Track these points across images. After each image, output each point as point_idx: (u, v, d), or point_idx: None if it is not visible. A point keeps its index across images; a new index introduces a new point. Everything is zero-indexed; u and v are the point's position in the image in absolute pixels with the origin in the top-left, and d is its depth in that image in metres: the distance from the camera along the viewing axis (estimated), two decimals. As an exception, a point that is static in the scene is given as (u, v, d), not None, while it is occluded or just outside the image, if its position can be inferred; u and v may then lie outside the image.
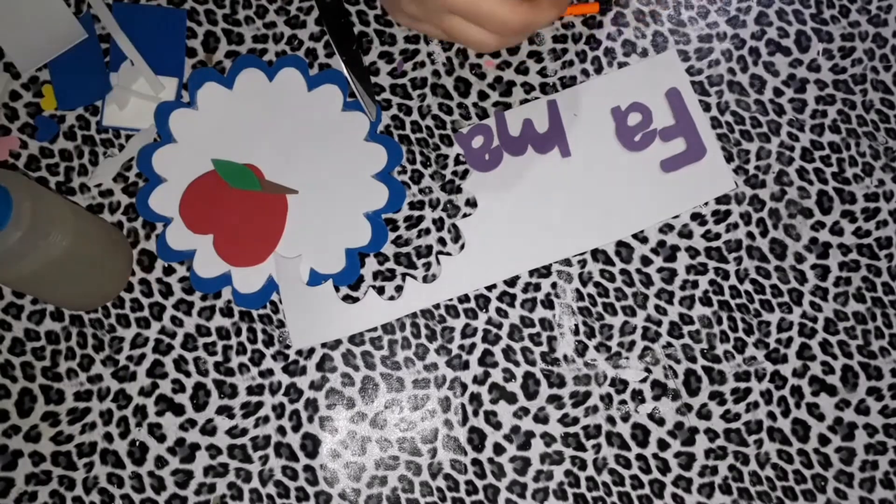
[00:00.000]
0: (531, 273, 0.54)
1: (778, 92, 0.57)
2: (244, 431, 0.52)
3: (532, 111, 0.57)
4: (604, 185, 0.55)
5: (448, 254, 0.55)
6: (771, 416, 0.53)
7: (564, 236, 0.55)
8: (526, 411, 0.53)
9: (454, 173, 0.56)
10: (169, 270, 0.55)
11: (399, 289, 0.54)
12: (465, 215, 0.55)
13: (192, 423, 0.52)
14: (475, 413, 0.53)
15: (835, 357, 0.54)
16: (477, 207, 0.55)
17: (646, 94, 0.57)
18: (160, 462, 0.52)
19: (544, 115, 0.56)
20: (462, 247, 0.55)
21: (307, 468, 0.52)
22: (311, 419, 0.53)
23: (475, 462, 0.52)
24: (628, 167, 0.56)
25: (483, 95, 0.57)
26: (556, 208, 0.55)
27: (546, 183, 0.56)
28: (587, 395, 0.53)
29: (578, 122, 0.56)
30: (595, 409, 0.53)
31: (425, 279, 0.54)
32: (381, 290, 0.54)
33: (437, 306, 0.54)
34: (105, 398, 0.53)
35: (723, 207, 0.56)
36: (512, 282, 0.54)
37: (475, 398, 0.53)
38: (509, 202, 0.55)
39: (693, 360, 0.53)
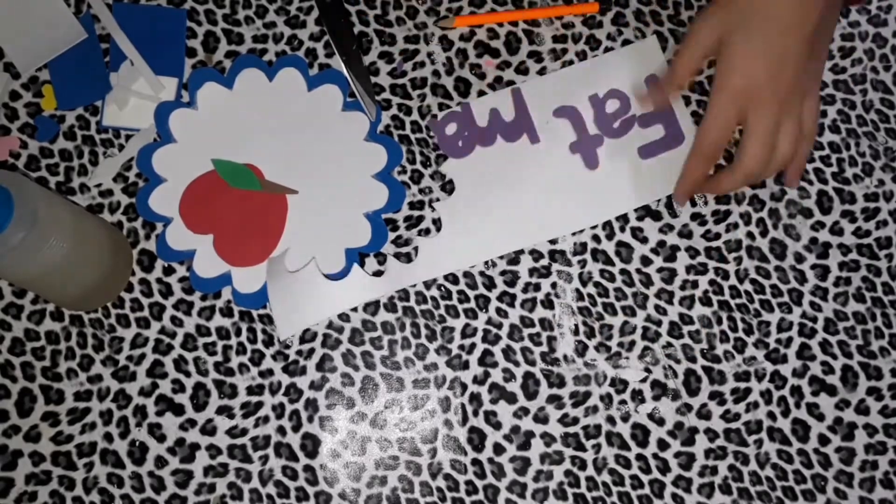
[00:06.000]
0: (531, 273, 0.54)
1: (778, 92, 0.57)
2: (244, 431, 0.52)
3: (497, 100, 0.57)
4: (580, 171, 0.56)
5: (428, 232, 0.55)
6: (771, 416, 0.53)
7: (544, 221, 0.55)
8: (526, 411, 0.53)
9: (454, 173, 0.56)
10: (169, 270, 0.55)
11: (380, 270, 0.54)
12: (439, 199, 0.55)
13: (192, 423, 0.52)
14: (475, 413, 0.53)
15: (835, 357, 0.54)
16: (454, 191, 0.55)
17: (624, 81, 0.57)
18: (160, 462, 0.52)
19: (509, 104, 0.57)
20: (439, 228, 0.55)
21: (307, 468, 0.52)
22: (311, 419, 0.53)
23: (475, 462, 0.52)
24: (607, 153, 0.56)
25: (483, 95, 0.57)
26: (530, 193, 0.55)
27: (519, 169, 0.56)
28: (587, 395, 0.53)
29: (552, 109, 0.56)
30: (595, 409, 0.53)
31: (407, 257, 0.54)
32: (362, 264, 0.54)
33: (436, 306, 0.54)
34: (105, 398, 0.53)
35: (723, 207, 0.56)
36: (512, 281, 0.54)
37: (475, 398, 0.53)
38: (484, 186, 0.56)
39: (693, 360, 0.53)
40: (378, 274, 0.54)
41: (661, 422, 0.53)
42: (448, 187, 0.56)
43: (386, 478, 0.52)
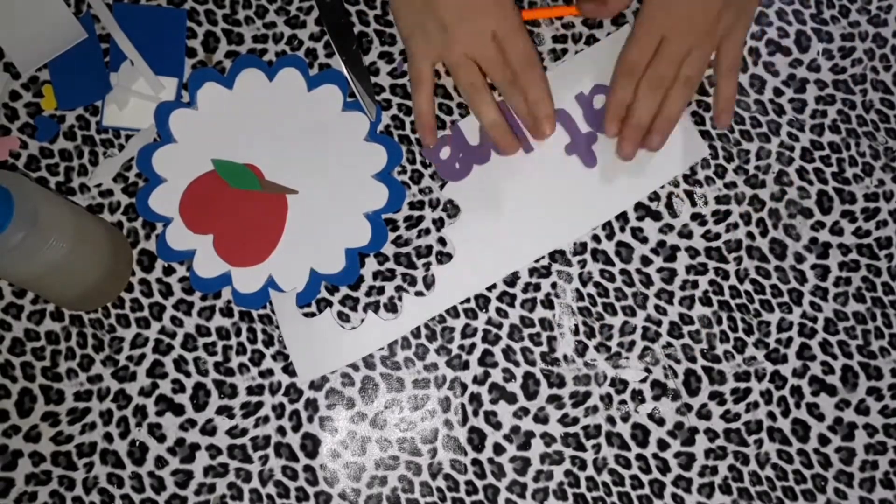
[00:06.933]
0: (531, 273, 0.54)
1: (778, 92, 0.57)
2: (244, 431, 0.52)
3: None
4: (580, 171, 0.56)
5: (441, 262, 0.55)
6: (771, 416, 0.53)
7: (552, 228, 0.55)
8: (526, 411, 0.53)
9: (454, 173, 0.56)
10: (169, 270, 0.55)
11: (394, 299, 0.54)
12: (450, 216, 0.55)
13: (192, 423, 0.52)
14: (475, 413, 0.53)
15: (835, 357, 0.54)
16: (460, 215, 0.55)
17: (607, 75, 0.57)
18: (160, 462, 0.52)
19: None
20: (452, 255, 0.55)
21: (307, 468, 0.52)
22: (311, 419, 0.53)
23: (475, 462, 0.52)
24: (603, 149, 0.56)
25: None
26: (535, 203, 0.55)
27: (518, 181, 0.56)
28: (587, 395, 0.53)
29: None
30: (595, 409, 0.53)
31: (415, 282, 0.54)
32: (376, 309, 0.54)
33: (437, 306, 0.54)
34: (105, 398, 0.53)
35: (723, 207, 0.56)
36: (512, 282, 0.54)
37: (475, 398, 0.53)
38: (489, 205, 0.55)
39: (693, 360, 0.53)
40: (393, 309, 0.54)
41: (661, 422, 0.53)
42: (453, 212, 0.55)
43: (386, 478, 0.52)
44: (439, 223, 0.55)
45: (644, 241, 0.55)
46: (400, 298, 0.54)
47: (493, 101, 0.54)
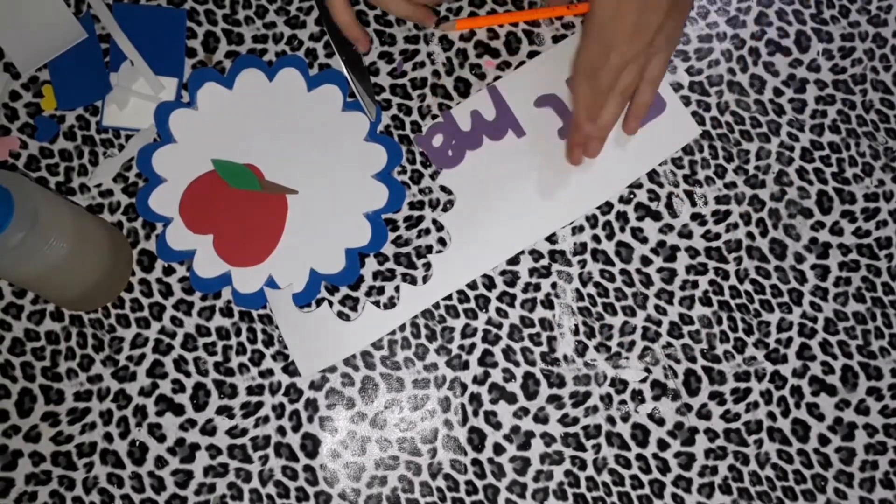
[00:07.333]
0: (531, 273, 0.54)
1: (778, 92, 0.57)
2: (244, 431, 0.52)
3: (477, 102, 0.57)
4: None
5: (439, 251, 0.55)
6: (771, 416, 0.53)
7: (547, 212, 0.55)
8: (526, 411, 0.53)
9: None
10: (169, 270, 0.55)
11: (393, 297, 0.54)
12: (444, 210, 0.55)
13: (192, 423, 0.52)
14: (475, 413, 0.53)
15: (835, 357, 0.54)
16: (454, 203, 0.55)
17: None
18: (160, 462, 0.52)
19: (489, 103, 0.57)
20: (447, 243, 0.55)
21: (307, 468, 0.52)
22: (311, 419, 0.53)
23: (475, 462, 0.52)
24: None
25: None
26: (529, 187, 0.56)
27: (511, 166, 0.56)
28: (587, 395, 0.53)
29: (532, 100, 0.57)
30: (595, 409, 0.53)
31: (415, 281, 0.54)
32: (377, 302, 0.54)
33: (436, 306, 0.54)
34: (105, 398, 0.53)
35: (723, 207, 0.56)
36: (512, 282, 0.54)
37: (475, 398, 0.53)
38: (483, 191, 0.56)
39: (693, 360, 0.53)
40: (392, 305, 0.54)
41: (661, 422, 0.53)
42: (448, 202, 0.55)
43: (386, 478, 0.52)
44: (439, 223, 0.55)
45: (644, 241, 0.55)
46: (398, 296, 0.54)
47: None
